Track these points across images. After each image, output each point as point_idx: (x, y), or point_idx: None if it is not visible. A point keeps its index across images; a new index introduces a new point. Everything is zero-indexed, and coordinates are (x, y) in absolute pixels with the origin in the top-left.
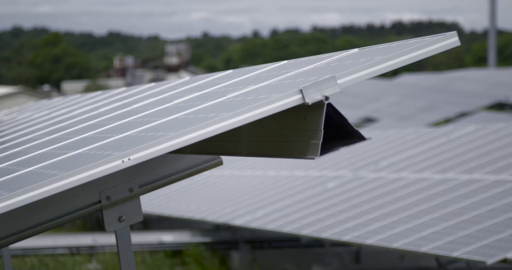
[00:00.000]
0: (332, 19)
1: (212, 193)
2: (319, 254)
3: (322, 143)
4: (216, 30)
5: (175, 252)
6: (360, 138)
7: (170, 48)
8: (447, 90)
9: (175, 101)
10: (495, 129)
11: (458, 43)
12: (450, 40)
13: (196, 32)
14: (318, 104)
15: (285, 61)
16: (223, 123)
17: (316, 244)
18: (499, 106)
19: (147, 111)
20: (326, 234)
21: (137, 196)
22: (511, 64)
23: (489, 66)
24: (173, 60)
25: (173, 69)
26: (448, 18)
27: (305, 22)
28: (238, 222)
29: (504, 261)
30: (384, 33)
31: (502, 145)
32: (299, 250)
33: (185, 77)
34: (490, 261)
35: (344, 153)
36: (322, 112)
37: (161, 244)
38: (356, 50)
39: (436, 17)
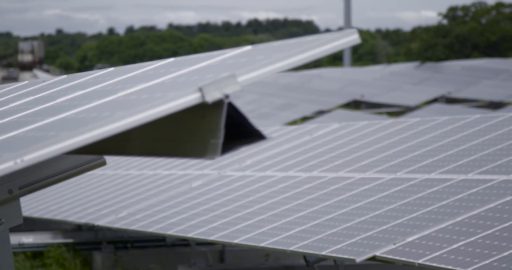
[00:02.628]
0: (188, 17)
1: (73, 192)
2: (185, 254)
3: (221, 142)
4: (70, 28)
5: (36, 254)
6: (260, 137)
7: (23, 46)
8: (304, 88)
9: (59, 100)
10: (359, 126)
11: (359, 41)
12: (350, 38)
13: (50, 29)
14: (218, 103)
15: (172, 59)
16: (121, 122)
17: (182, 243)
18: (355, 104)
19: (28, 110)
20: (192, 234)
21: (16, 198)
22: (366, 63)
23: (344, 65)
24: (26, 58)
25: (27, 67)
26: (303, 17)
27: (161, 19)
28: (101, 222)
29: (373, 258)
30: (240, 31)
31: (365, 142)
32: (164, 250)
33: (40, 75)
34: (359, 259)
35: None
36: (222, 111)
37: (21, 245)
38: (249, 47)
39: (292, 16)
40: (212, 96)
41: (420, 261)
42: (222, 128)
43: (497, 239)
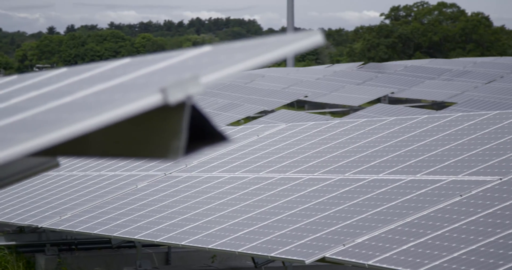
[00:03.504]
0: (129, 16)
1: (16, 194)
2: (130, 256)
3: (184, 144)
4: (9, 27)
5: None
6: (223, 138)
7: None
8: (247, 88)
9: (13, 101)
10: (305, 127)
11: (322, 41)
12: (314, 38)
13: None
14: (181, 104)
15: (128, 59)
16: (82, 123)
17: (127, 245)
18: (299, 104)
19: None
20: (138, 236)
21: None
22: (309, 63)
23: (287, 65)
24: None
25: None
26: (246, 16)
27: (102, 19)
28: (44, 224)
29: (323, 260)
30: (182, 30)
31: (313, 142)
32: (109, 251)
33: None
34: (308, 260)
35: None
36: (185, 112)
37: None
38: (208, 48)
39: (234, 15)
40: (175, 97)
41: (370, 262)
42: (184, 129)
43: (447, 240)
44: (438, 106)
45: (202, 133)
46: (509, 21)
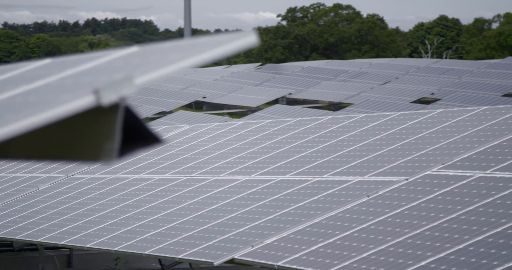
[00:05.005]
0: (23, 16)
1: None
2: (32, 259)
3: (117, 146)
4: None
5: None
6: (156, 140)
7: None
8: (145, 89)
9: None
10: (209, 128)
11: (256, 42)
12: (248, 39)
13: None
14: (114, 106)
15: (48, 60)
16: (12, 126)
17: (29, 248)
18: (197, 105)
19: None
20: (41, 239)
21: None
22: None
23: None
24: None
25: None
26: (142, 17)
27: None
28: None
29: (232, 261)
30: (78, 31)
31: (217, 143)
32: (11, 254)
33: None
34: (217, 262)
35: None
36: (118, 113)
37: None
38: (135, 48)
39: (130, 16)
40: (108, 98)
41: (279, 264)
42: (118, 131)
43: (356, 240)
44: (335, 107)
45: (135, 134)
46: (403, 23)
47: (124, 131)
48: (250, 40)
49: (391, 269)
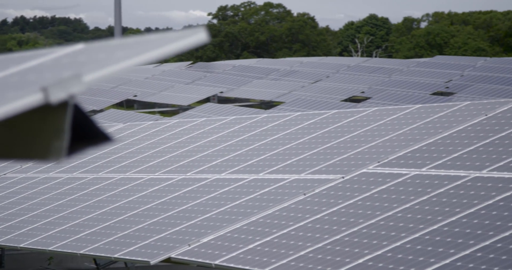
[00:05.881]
0: None
1: None
2: None
3: (67, 144)
4: None
5: None
6: (106, 138)
7: None
8: None
9: None
10: (144, 126)
11: (206, 39)
12: (198, 36)
13: None
14: (63, 104)
15: None
16: None
17: None
18: (128, 104)
19: None
20: None
21: None
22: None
23: None
24: None
25: None
26: (71, 15)
27: None
28: None
29: (168, 260)
30: (6, 29)
31: (152, 142)
32: None
33: None
34: (153, 261)
35: None
36: (67, 111)
37: None
38: (81, 46)
39: (59, 14)
40: (57, 96)
41: (216, 262)
42: (67, 129)
43: (293, 239)
44: (267, 105)
45: (84, 133)
46: (333, 22)
47: (73, 129)
48: (200, 37)
49: (328, 267)
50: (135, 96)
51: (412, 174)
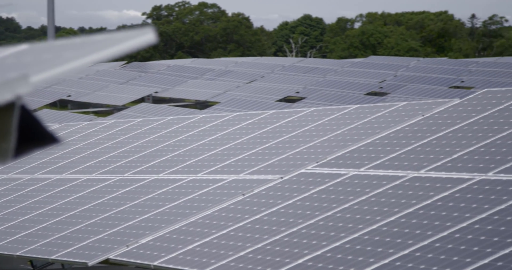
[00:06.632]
0: None
1: None
2: None
3: (13, 146)
4: None
5: None
6: (53, 140)
7: None
8: None
9: None
10: (80, 127)
11: (155, 39)
12: (147, 36)
13: None
14: (9, 105)
15: None
16: None
17: None
18: (62, 104)
19: None
20: None
21: None
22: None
23: None
24: None
25: None
26: (3, 14)
27: None
28: None
29: (107, 262)
30: None
31: (88, 143)
32: None
33: None
34: (91, 262)
35: None
36: (14, 113)
37: None
38: (25, 46)
39: None
40: (3, 97)
41: (155, 263)
42: (14, 131)
43: (232, 239)
44: (202, 105)
45: (31, 134)
46: (268, 22)
47: (20, 130)
48: (149, 37)
49: (268, 267)
50: (69, 96)
51: (351, 174)
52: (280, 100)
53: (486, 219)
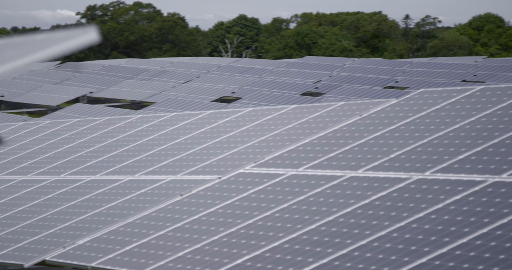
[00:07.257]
0: None
1: None
2: None
3: None
4: None
5: None
6: None
7: None
8: None
9: None
10: (15, 127)
11: (97, 38)
12: (89, 35)
13: None
14: None
15: None
16: None
17: None
18: None
19: None
20: None
21: None
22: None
23: None
24: None
25: None
26: None
27: None
28: None
29: (43, 263)
30: None
31: (24, 143)
32: None
33: None
34: (27, 264)
35: None
36: None
37: None
38: None
39: None
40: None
41: (92, 264)
42: None
43: (171, 240)
44: (137, 105)
45: None
46: (203, 22)
47: None
48: (91, 36)
49: (207, 268)
50: (2, 96)
51: (289, 174)
52: (216, 100)
53: (423, 219)
